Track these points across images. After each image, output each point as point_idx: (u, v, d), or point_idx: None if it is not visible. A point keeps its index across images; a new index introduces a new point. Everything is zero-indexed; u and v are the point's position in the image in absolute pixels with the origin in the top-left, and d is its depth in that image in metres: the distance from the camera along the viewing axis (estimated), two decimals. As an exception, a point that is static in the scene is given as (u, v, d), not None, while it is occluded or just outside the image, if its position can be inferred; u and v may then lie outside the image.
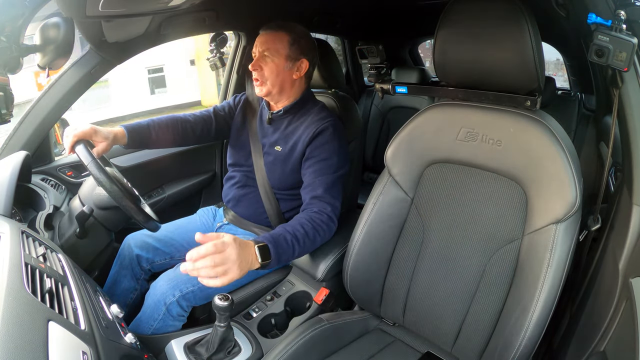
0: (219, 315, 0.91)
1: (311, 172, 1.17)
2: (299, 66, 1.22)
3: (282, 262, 0.98)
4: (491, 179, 0.91)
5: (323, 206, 1.12)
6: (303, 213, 1.10)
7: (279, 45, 1.19)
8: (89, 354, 0.57)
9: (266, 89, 1.22)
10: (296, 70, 1.22)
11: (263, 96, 1.25)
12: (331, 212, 1.11)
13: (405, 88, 1.14)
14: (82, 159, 1.01)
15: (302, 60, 1.21)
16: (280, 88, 1.22)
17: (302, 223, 1.05)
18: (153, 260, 1.29)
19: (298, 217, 1.08)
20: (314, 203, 1.12)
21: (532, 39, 0.78)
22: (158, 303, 1.09)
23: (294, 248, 1.00)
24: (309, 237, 1.03)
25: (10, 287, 0.57)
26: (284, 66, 1.20)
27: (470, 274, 0.93)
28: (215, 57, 1.64)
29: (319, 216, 1.09)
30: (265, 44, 1.20)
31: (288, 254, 0.99)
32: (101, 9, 0.90)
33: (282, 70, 1.20)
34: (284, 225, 1.04)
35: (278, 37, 1.19)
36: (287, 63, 1.20)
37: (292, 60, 1.20)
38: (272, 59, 1.19)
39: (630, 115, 0.78)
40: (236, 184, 1.33)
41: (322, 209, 1.11)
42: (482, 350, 0.91)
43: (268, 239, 0.95)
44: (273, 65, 1.19)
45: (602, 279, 0.91)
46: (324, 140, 1.18)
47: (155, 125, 1.26)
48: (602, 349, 0.81)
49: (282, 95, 1.25)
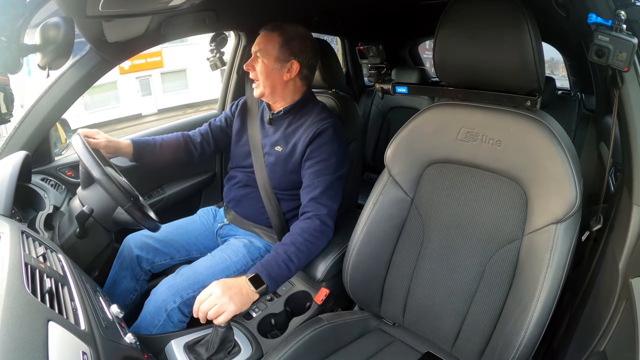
0: None
1: (310, 173, 1.17)
2: (289, 67, 1.21)
3: (281, 283, 1.04)
4: (491, 179, 0.91)
5: (318, 209, 1.13)
6: (296, 225, 1.13)
7: (269, 46, 1.19)
8: (88, 354, 0.57)
9: (259, 90, 1.22)
10: (286, 71, 1.21)
11: (258, 97, 1.25)
12: (326, 216, 1.13)
13: (405, 88, 1.14)
14: (82, 159, 1.01)
15: (292, 62, 1.20)
16: (271, 89, 1.22)
17: (294, 240, 1.08)
18: (153, 261, 1.29)
19: (291, 233, 1.12)
20: (310, 206, 1.14)
21: (532, 39, 0.78)
22: (159, 309, 1.08)
23: (289, 267, 1.04)
24: (302, 252, 1.07)
25: (10, 287, 0.57)
26: (272, 67, 1.19)
27: (470, 274, 0.93)
28: (215, 57, 1.64)
29: (312, 224, 1.11)
30: (258, 44, 1.20)
31: (284, 275, 1.04)
32: (101, 9, 0.90)
33: (272, 71, 1.20)
34: (276, 246, 1.08)
35: (269, 38, 1.19)
36: (276, 64, 1.19)
37: (281, 61, 1.20)
38: (262, 60, 1.19)
39: (630, 115, 0.78)
40: (237, 184, 1.33)
41: (317, 213, 1.13)
42: (482, 350, 0.91)
43: (258, 268, 1.01)
44: (263, 66, 1.19)
45: (602, 279, 0.91)
46: (324, 141, 1.18)
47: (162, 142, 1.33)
48: (602, 349, 0.81)
49: (275, 96, 1.25)
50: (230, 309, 0.90)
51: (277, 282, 1.02)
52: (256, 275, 0.98)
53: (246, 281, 0.96)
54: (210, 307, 0.90)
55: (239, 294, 0.93)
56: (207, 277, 1.13)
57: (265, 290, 0.98)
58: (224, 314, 0.90)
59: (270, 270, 1.01)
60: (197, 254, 1.33)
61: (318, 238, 1.11)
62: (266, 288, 0.98)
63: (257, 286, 0.97)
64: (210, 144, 1.40)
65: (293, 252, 1.06)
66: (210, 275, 1.13)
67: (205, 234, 1.38)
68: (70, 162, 1.45)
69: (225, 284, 0.93)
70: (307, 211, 1.14)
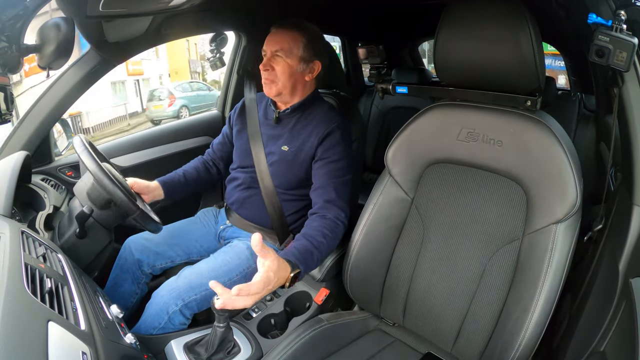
0: (218, 316, 0.91)
1: (323, 174, 1.15)
2: (312, 68, 1.19)
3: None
4: (491, 179, 0.91)
5: (338, 213, 1.10)
6: (323, 220, 1.08)
7: (293, 46, 1.15)
8: (88, 354, 0.57)
9: (276, 89, 1.19)
10: (309, 72, 1.19)
11: (273, 96, 1.22)
12: (344, 219, 1.11)
13: (405, 88, 1.13)
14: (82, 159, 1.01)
15: (315, 62, 1.19)
16: (292, 89, 1.20)
17: (325, 234, 1.04)
18: (154, 264, 1.28)
19: (319, 226, 1.06)
20: (329, 208, 1.11)
21: (532, 39, 0.78)
22: (160, 312, 1.08)
23: (317, 261, 1.01)
24: (329, 247, 1.04)
25: (10, 288, 0.57)
26: (297, 67, 1.17)
27: (470, 274, 0.93)
28: (215, 57, 1.64)
29: (336, 225, 1.08)
30: (279, 43, 1.15)
31: (311, 269, 1.02)
32: (101, 9, 0.90)
33: (295, 72, 1.17)
34: (310, 237, 1.02)
35: (292, 37, 1.16)
36: (300, 64, 1.17)
37: (306, 61, 1.17)
38: (285, 60, 1.16)
39: (631, 115, 0.78)
40: (240, 185, 1.32)
41: (337, 216, 1.09)
42: (482, 350, 0.91)
43: (300, 260, 0.94)
44: (286, 65, 1.16)
45: (602, 279, 0.91)
46: (335, 142, 1.16)
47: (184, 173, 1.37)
48: (602, 349, 0.81)
49: (293, 96, 1.23)
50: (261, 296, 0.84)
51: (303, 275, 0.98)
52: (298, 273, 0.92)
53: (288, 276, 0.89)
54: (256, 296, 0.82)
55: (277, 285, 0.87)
56: (210, 279, 1.10)
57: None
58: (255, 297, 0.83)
59: (307, 263, 0.96)
60: (197, 256, 1.33)
61: (339, 238, 1.09)
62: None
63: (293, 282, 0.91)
64: (219, 163, 1.44)
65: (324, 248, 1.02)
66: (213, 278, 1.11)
67: (206, 235, 1.37)
68: (70, 162, 1.44)
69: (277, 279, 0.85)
70: (326, 213, 1.10)
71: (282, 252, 0.94)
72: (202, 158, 1.45)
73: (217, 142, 1.45)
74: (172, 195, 1.33)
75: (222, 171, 1.46)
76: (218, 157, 1.45)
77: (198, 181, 1.39)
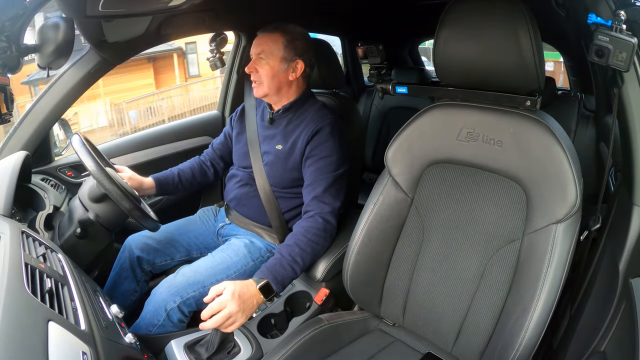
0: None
1: (312, 171, 1.18)
2: (294, 67, 1.21)
3: (287, 285, 1.06)
4: (491, 179, 0.91)
5: (321, 208, 1.14)
6: (298, 225, 1.14)
7: (274, 47, 1.19)
8: (88, 354, 0.57)
9: (262, 91, 1.22)
10: (292, 71, 1.21)
11: (261, 97, 1.26)
12: (329, 214, 1.13)
13: (405, 88, 1.13)
14: (83, 160, 1.01)
15: (298, 62, 1.21)
16: (277, 89, 1.22)
17: (297, 241, 1.09)
18: (154, 262, 1.29)
19: (294, 233, 1.12)
20: (313, 204, 1.15)
21: (532, 39, 0.78)
22: (158, 309, 1.08)
23: (294, 269, 1.06)
24: (306, 252, 1.09)
25: (10, 287, 0.57)
26: (278, 68, 1.19)
27: (470, 274, 0.93)
28: (215, 57, 1.64)
29: (315, 223, 1.12)
30: (260, 46, 1.20)
31: (290, 277, 1.06)
32: (101, 9, 0.90)
33: (277, 72, 1.20)
34: (280, 248, 1.09)
35: (272, 39, 1.19)
36: (282, 65, 1.20)
37: (287, 61, 1.20)
38: (267, 61, 1.19)
39: (630, 115, 0.79)
40: (238, 182, 1.33)
41: (320, 212, 1.13)
42: (482, 350, 0.91)
43: (265, 273, 1.01)
44: (268, 67, 1.19)
45: (602, 279, 0.91)
46: (323, 139, 1.18)
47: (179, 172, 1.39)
48: (602, 349, 0.81)
49: (280, 97, 1.25)
50: (241, 320, 0.92)
51: (284, 285, 1.04)
52: (267, 283, 0.99)
53: (257, 290, 0.97)
54: (223, 320, 0.90)
55: (250, 305, 0.95)
56: (208, 277, 1.13)
57: (274, 297, 1.00)
58: (235, 325, 0.92)
59: (277, 274, 1.02)
60: (197, 254, 1.33)
61: (322, 237, 1.12)
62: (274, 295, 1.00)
63: (268, 294, 0.99)
64: (219, 162, 1.46)
65: (297, 254, 1.07)
66: (211, 276, 1.13)
67: (206, 233, 1.38)
68: (70, 162, 1.45)
69: (239, 297, 0.93)
70: (310, 210, 1.15)
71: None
72: (198, 158, 1.46)
73: (218, 142, 1.46)
74: (164, 193, 1.36)
75: (221, 171, 1.46)
76: (218, 156, 1.45)
77: (192, 181, 1.40)
